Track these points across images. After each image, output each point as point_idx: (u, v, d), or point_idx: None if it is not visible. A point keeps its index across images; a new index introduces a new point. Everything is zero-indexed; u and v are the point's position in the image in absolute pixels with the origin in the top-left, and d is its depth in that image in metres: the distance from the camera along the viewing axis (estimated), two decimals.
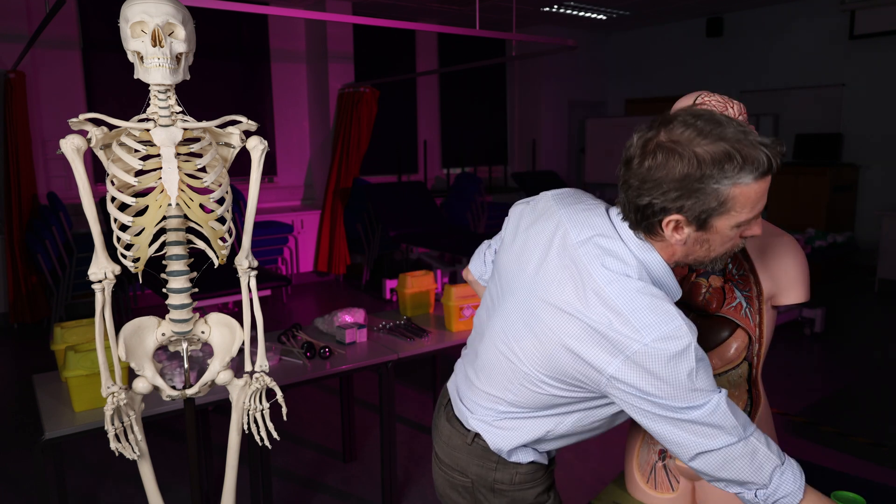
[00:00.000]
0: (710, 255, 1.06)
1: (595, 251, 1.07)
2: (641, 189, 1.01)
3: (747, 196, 0.98)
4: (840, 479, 1.45)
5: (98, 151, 1.47)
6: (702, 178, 0.96)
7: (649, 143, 1.01)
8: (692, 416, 0.99)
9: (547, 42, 5.54)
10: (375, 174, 7.71)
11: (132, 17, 1.41)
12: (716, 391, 1.00)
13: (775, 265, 1.22)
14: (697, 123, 0.98)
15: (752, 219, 1.01)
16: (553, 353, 1.08)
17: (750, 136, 0.97)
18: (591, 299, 1.03)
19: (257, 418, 1.74)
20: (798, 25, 7.35)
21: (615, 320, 1.00)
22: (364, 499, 2.85)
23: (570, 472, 3.03)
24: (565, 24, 8.37)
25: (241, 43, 6.85)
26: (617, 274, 1.04)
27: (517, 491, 1.27)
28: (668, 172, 0.97)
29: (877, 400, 3.84)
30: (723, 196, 0.97)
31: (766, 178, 0.98)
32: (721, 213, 0.99)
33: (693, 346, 0.98)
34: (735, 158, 0.95)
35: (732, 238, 1.03)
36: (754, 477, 1.01)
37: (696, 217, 1.00)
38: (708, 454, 1.00)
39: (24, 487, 2.95)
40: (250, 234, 1.70)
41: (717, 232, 1.02)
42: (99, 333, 1.54)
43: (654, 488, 1.41)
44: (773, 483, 1.01)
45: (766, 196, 1.01)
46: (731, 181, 0.96)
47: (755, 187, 0.98)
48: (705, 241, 1.04)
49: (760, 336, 1.25)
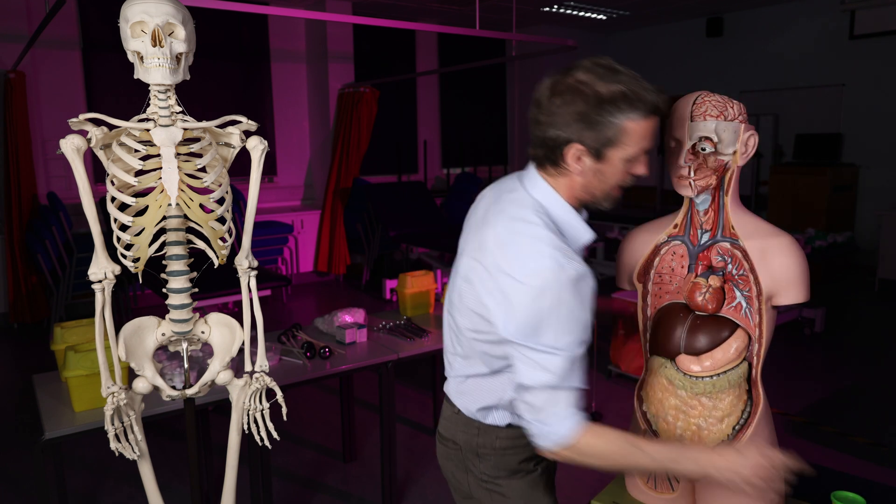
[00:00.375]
0: (604, 187, 1.19)
1: (502, 205, 1.23)
2: (549, 123, 1.15)
3: (636, 131, 1.13)
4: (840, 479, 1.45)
5: (98, 151, 1.47)
6: (601, 113, 1.11)
7: (557, 84, 1.16)
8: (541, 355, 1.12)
9: (547, 42, 5.53)
10: (375, 174, 7.71)
11: (132, 17, 1.41)
12: (572, 347, 1.11)
13: (775, 265, 1.22)
14: (598, 69, 1.14)
15: (639, 154, 1.16)
16: (463, 293, 1.24)
17: (641, 82, 1.15)
18: (489, 242, 1.19)
19: (257, 418, 1.74)
20: (798, 25, 7.35)
21: (499, 256, 1.16)
22: (364, 499, 2.85)
23: (570, 471, 3.03)
24: (565, 24, 8.36)
25: (241, 43, 6.84)
26: (514, 219, 1.18)
27: (500, 456, 1.32)
28: (573, 107, 1.12)
29: (877, 400, 3.84)
30: (617, 129, 1.12)
31: (653, 118, 1.15)
32: (615, 145, 1.14)
33: (558, 287, 1.09)
34: (629, 97, 1.12)
35: (622, 172, 1.18)
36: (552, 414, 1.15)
37: (595, 148, 1.14)
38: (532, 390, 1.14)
39: (24, 487, 2.95)
40: (250, 234, 1.70)
41: (611, 163, 1.16)
42: (99, 333, 1.54)
43: (654, 488, 1.41)
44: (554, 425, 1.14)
45: (654, 137, 1.17)
46: (625, 116, 1.12)
47: (643, 124, 1.14)
48: (600, 171, 1.17)
49: (760, 336, 1.25)
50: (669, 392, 1.30)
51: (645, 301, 1.40)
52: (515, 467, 1.33)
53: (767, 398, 1.28)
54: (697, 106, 1.23)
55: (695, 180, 1.25)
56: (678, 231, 1.35)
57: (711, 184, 1.26)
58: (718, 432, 1.25)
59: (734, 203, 1.29)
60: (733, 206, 1.29)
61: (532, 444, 1.23)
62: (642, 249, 1.40)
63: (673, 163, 1.28)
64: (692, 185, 1.25)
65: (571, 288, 1.10)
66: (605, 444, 1.14)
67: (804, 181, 6.87)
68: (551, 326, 1.10)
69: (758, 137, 1.28)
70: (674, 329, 1.31)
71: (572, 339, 1.12)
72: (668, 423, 1.30)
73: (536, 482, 1.36)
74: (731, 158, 1.26)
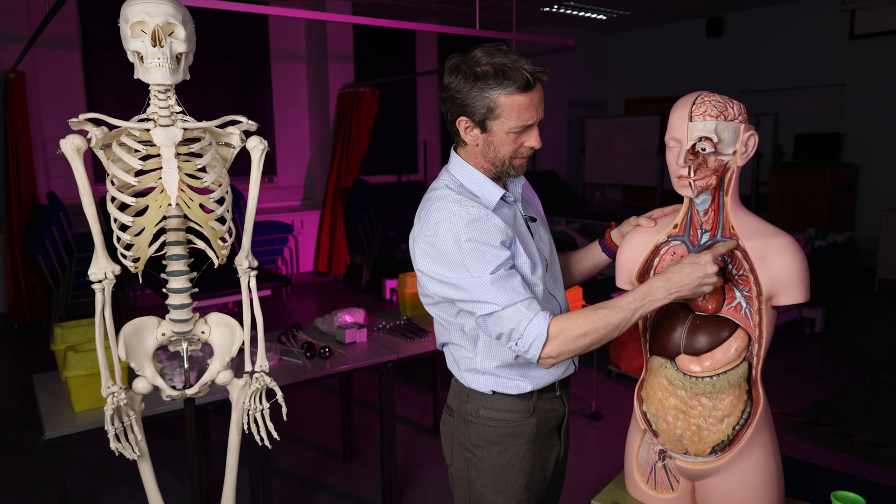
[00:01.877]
0: (499, 156, 1.34)
1: (428, 193, 1.42)
2: (446, 101, 1.34)
3: (510, 105, 1.28)
4: (840, 479, 1.45)
5: (98, 151, 1.47)
6: (476, 88, 1.28)
7: (450, 66, 1.32)
8: (460, 291, 1.29)
9: (547, 42, 5.53)
10: (375, 174, 7.71)
11: (132, 17, 1.41)
12: (493, 272, 1.25)
13: (775, 265, 1.22)
14: (482, 51, 1.29)
15: (522, 128, 1.30)
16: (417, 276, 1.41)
17: (520, 62, 1.27)
18: (415, 226, 1.39)
19: (257, 418, 1.74)
20: (798, 25, 7.35)
21: (416, 229, 1.37)
22: (364, 499, 2.85)
23: (570, 471, 3.03)
24: (565, 24, 8.36)
25: (241, 43, 6.84)
26: (426, 198, 1.39)
27: (482, 425, 1.42)
28: (457, 85, 1.30)
29: (877, 400, 3.84)
30: (492, 103, 1.28)
31: (527, 93, 1.28)
32: (494, 117, 1.30)
33: (455, 231, 1.26)
34: (500, 74, 1.26)
35: (511, 143, 1.32)
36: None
37: (478, 121, 1.31)
38: (485, 317, 1.28)
39: (24, 487, 2.95)
40: (250, 234, 1.70)
41: (496, 135, 1.32)
42: (99, 333, 1.54)
43: (654, 488, 1.41)
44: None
45: (535, 111, 1.29)
46: (497, 91, 1.27)
47: (517, 98, 1.28)
48: (490, 142, 1.33)
49: (760, 336, 1.25)
50: (669, 392, 1.30)
51: None
52: (495, 439, 1.41)
53: (767, 398, 1.28)
54: (697, 106, 1.23)
55: (695, 180, 1.25)
56: (678, 231, 1.36)
57: (711, 184, 1.26)
58: (718, 432, 1.25)
59: (734, 203, 1.29)
60: (733, 206, 1.28)
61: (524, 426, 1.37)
62: (642, 249, 1.40)
63: (673, 163, 1.28)
64: (692, 185, 1.25)
65: (466, 228, 1.27)
66: (578, 321, 1.25)
67: (804, 181, 6.87)
68: (465, 265, 1.26)
69: (758, 137, 1.28)
70: (674, 329, 1.31)
71: (489, 267, 1.26)
72: (668, 423, 1.30)
73: (511, 461, 1.42)
74: (731, 158, 1.26)
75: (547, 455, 1.48)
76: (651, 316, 1.38)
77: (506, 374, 1.40)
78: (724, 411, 1.25)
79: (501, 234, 1.29)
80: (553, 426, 1.48)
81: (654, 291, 1.23)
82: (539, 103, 1.31)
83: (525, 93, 1.28)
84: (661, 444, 1.33)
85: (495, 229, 1.28)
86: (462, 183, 1.38)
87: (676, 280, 1.21)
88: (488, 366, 1.40)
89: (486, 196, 1.36)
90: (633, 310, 1.23)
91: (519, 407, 1.41)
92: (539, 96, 1.31)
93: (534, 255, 1.37)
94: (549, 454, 1.49)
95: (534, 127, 1.33)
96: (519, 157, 1.36)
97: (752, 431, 1.25)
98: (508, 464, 1.42)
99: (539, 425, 1.44)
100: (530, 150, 1.35)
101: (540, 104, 1.32)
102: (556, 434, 1.50)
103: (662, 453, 1.38)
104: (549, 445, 1.48)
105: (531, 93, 1.28)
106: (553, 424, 1.48)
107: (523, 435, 1.42)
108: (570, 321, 1.25)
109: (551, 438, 1.49)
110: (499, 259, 1.27)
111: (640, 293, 1.23)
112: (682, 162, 1.24)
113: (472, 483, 1.46)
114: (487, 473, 1.43)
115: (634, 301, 1.23)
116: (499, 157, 1.35)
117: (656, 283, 1.23)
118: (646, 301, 1.23)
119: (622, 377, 4.17)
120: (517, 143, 1.33)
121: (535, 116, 1.31)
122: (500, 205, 1.38)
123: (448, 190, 1.35)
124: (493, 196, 1.36)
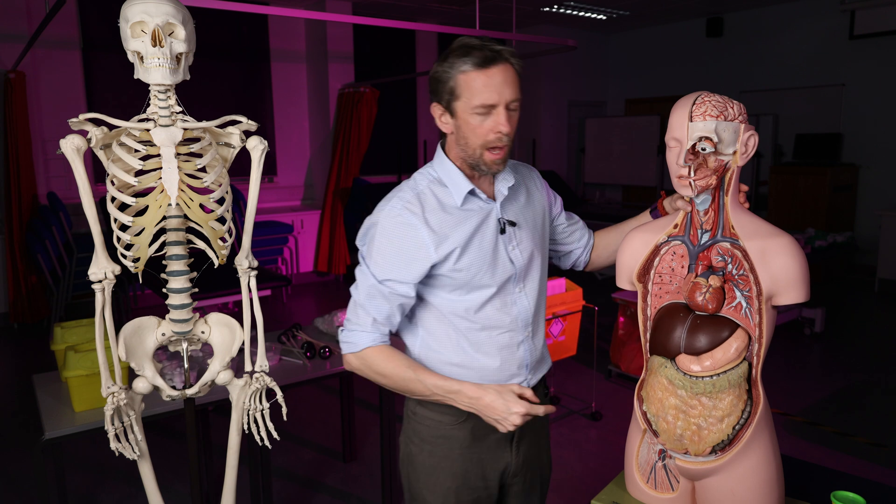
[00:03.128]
0: (469, 143, 1.31)
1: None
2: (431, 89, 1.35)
3: (468, 82, 1.26)
4: (840, 479, 1.45)
5: (98, 151, 1.47)
6: (440, 69, 1.29)
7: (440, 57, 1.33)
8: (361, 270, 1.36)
9: (547, 42, 5.54)
10: (375, 174, 7.71)
11: (132, 17, 1.41)
12: (377, 275, 1.31)
13: (775, 265, 1.22)
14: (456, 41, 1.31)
15: (483, 108, 1.26)
16: None
17: (484, 40, 1.28)
18: None
19: (257, 418, 1.74)
20: (798, 25, 7.35)
21: None
22: (364, 499, 2.85)
23: (570, 471, 3.03)
24: (565, 24, 8.37)
25: (241, 43, 6.84)
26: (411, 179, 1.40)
27: (417, 423, 1.44)
28: (433, 72, 1.32)
29: (877, 400, 3.84)
30: (453, 81, 1.28)
31: (485, 70, 1.25)
32: (455, 97, 1.29)
33: (381, 217, 1.32)
34: (460, 51, 1.27)
35: (477, 127, 1.29)
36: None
37: (446, 105, 1.31)
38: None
39: (24, 487, 2.95)
40: (250, 234, 1.70)
41: (461, 118, 1.30)
42: (99, 333, 1.54)
43: (654, 488, 1.41)
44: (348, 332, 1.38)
45: (498, 92, 1.26)
46: (457, 69, 1.27)
47: (474, 74, 1.25)
48: (459, 127, 1.32)
49: (760, 336, 1.25)
50: (669, 392, 1.30)
51: (645, 301, 1.40)
52: (427, 438, 1.42)
53: (767, 398, 1.28)
54: (697, 106, 1.23)
55: (695, 180, 1.25)
56: (678, 231, 1.36)
57: (711, 184, 1.26)
58: (718, 432, 1.25)
59: (734, 203, 1.29)
60: (733, 206, 1.29)
61: (443, 429, 1.39)
62: (642, 249, 1.40)
63: (673, 163, 1.28)
64: (692, 185, 1.25)
65: (385, 219, 1.32)
66: (388, 364, 1.32)
67: (804, 181, 6.87)
68: (370, 244, 1.34)
69: (758, 137, 1.28)
70: (674, 329, 1.31)
71: (379, 269, 1.31)
72: (668, 423, 1.30)
73: (441, 464, 1.41)
74: (731, 158, 1.26)
75: (488, 464, 1.43)
76: (651, 316, 1.38)
77: (442, 371, 1.39)
78: (724, 411, 1.25)
79: (421, 249, 1.31)
80: (499, 436, 1.42)
81: (458, 397, 1.28)
82: (503, 85, 1.26)
83: (482, 69, 1.25)
84: (661, 443, 1.33)
85: (402, 235, 1.31)
86: (438, 172, 1.38)
87: (483, 403, 1.26)
88: (426, 359, 1.41)
89: (456, 190, 1.35)
90: (432, 393, 1.31)
91: (453, 409, 1.37)
92: (503, 77, 1.26)
93: (490, 259, 1.35)
94: (492, 464, 1.43)
95: (499, 109, 1.27)
96: (490, 150, 1.31)
97: (752, 431, 1.25)
98: (438, 465, 1.41)
99: (475, 432, 1.40)
100: (499, 138, 1.29)
101: (505, 86, 1.26)
102: (505, 445, 1.44)
103: (662, 453, 1.38)
104: (493, 455, 1.43)
105: (490, 70, 1.25)
106: (498, 435, 1.41)
107: (456, 440, 1.40)
108: (385, 360, 1.33)
109: (495, 449, 1.43)
110: (397, 274, 1.31)
111: (448, 387, 1.29)
112: (683, 162, 1.24)
113: (409, 476, 1.48)
114: (419, 471, 1.44)
115: (438, 390, 1.30)
116: (469, 147, 1.32)
117: (467, 393, 1.27)
118: (446, 398, 1.30)
119: (622, 377, 4.17)
120: (485, 129, 1.29)
121: (496, 97, 1.26)
122: (468, 200, 1.36)
123: (418, 179, 1.38)
124: (461, 190, 1.35)
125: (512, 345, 1.41)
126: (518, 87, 1.30)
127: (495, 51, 1.26)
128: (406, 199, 1.33)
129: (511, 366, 1.42)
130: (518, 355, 1.42)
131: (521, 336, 1.42)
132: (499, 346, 1.40)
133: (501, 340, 1.40)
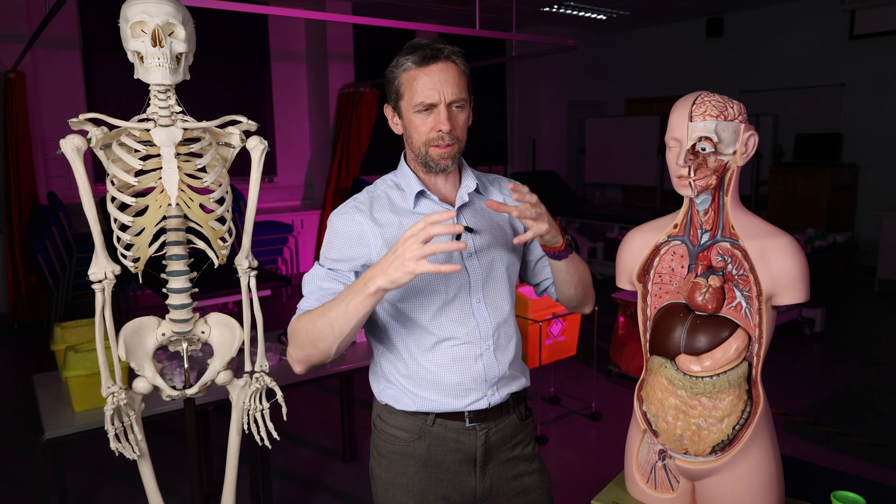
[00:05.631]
0: (415, 143, 1.30)
1: None
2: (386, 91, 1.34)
3: (408, 80, 1.25)
4: (840, 479, 1.45)
5: (98, 151, 1.47)
6: (389, 72, 1.30)
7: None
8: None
9: (547, 42, 5.54)
10: (375, 174, 7.70)
11: (132, 17, 1.41)
12: (321, 260, 1.32)
13: (775, 265, 1.22)
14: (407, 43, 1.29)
15: (423, 106, 1.25)
16: None
17: (435, 42, 1.26)
18: None
19: (257, 418, 1.74)
20: (798, 25, 7.35)
21: None
22: (364, 499, 2.85)
23: (570, 471, 3.03)
24: (565, 24, 8.37)
25: (241, 43, 6.84)
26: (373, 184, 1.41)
27: (376, 435, 1.41)
28: (385, 73, 1.32)
29: (877, 400, 3.84)
30: (397, 81, 1.28)
31: (424, 68, 1.24)
32: (400, 97, 1.28)
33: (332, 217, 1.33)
34: (405, 52, 1.26)
35: (421, 125, 1.27)
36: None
37: (394, 105, 1.31)
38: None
39: (24, 487, 2.95)
40: (250, 234, 1.70)
41: (407, 118, 1.29)
42: (99, 333, 1.54)
43: (654, 488, 1.41)
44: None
45: (438, 90, 1.24)
46: (401, 69, 1.26)
47: (413, 73, 1.25)
48: (406, 128, 1.31)
49: (760, 336, 1.25)
50: (669, 392, 1.30)
51: (645, 301, 1.40)
52: (384, 452, 1.38)
53: (767, 398, 1.28)
54: (697, 106, 1.23)
55: (695, 180, 1.25)
56: (678, 231, 1.35)
57: (711, 184, 1.26)
58: (718, 432, 1.25)
59: (734, 203, 1.29)
60: (733, 206, 1.29)
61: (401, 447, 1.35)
62: (642, 249, 1.40)
63: (673, 163, 1.28)
64: (692, 185, 1.25)
65: (334, 217, 1.33)
66: (301, 321, 1.24)
67: (804, 181, 6.87)
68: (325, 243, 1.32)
69: (758, 137, 1.28)
70: (674, 329, 1.31)
71: (325, 259, 1.31)
72: (668, 423, 1.30)
73: (396, 479, 1.36)
74: (731, 158, 1.26)
75: (450, 486, 1.35)
76: (651, 316, 1.38)
77: (399, 383, 1.34)
78: (724, 411, 1.25)
79: (364, 237, 1.29)
80: (460, 458, 1.34)
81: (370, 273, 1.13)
82: (444, 84, 1.24)
83: (422, 67, 1.23)
84: (661, 443, 1.33)
85: (359, 232, 1.29)
86: (397, 180, 1.38)
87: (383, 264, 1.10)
88: (385, 371, 1.37)
89: (408, 191, 1.35)
90: (357, 294, 1.14)
91: (408, 425, 1.33)
92: (444, 76, 1.24)
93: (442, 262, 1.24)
94: (455, 486, 1.36)
95: (439, 108, 1.25)
96: (433, 145, 1.28)
97: (752, 431, 1.25)
98: (394, 480, 1.36)
99: (432, 452, 1.34)
100: (440, 136, 1.26)
101: (446, 85, 1.24)
102: (468, 469, 1.36)
103: (662, 453, 1.38)
104: (454, 479, 1.35)
105: (430, 68, 1.23)
106: (458, 456, 1.34)
107: (412, 457, 1.34)
108: (299, 320, 1.26)
109: (457, 473, 1.35)
110: (343, 256, 1.29)
111: (363, 277, 1.14)
112: (682, 162, 1.24)
113: (373, 485, 1.43)
114: (377, 484, 1.39)
115: (358, 287, 1.14)
116: (415, 145, 1.30)
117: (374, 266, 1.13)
118: (367, 287, 1.11)
119: (622, 377, 4.17)
120: (426, 127, 1.27)
121: (437, 96, 1.24)
122: (422, 203, 1.33)
123: (378, 184, 1.40)
124: (413, 190, 1.33)
125: (468, 357, 1.32)
126: (463, 86, 1.28)
127: (437, 49, 1.24)
128: (359, 199, 1.35)
129: (466, 379, 1.33)
130: (475, 369, 1.33)
131: (479, 349, 1.33)
132: (453, 357, 1.32)
133: (457, 352, 1.32)
